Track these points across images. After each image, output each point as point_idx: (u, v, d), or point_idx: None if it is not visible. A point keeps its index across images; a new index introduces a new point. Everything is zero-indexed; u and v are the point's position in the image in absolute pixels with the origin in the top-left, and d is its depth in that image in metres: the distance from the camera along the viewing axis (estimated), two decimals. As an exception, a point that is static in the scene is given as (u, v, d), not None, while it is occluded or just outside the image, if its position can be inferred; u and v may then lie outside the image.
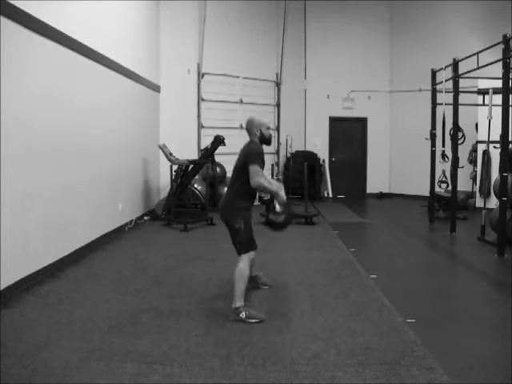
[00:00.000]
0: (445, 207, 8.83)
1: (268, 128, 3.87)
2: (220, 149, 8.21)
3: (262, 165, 3.66)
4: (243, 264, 3.67)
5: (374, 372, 2.80)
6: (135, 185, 7.96)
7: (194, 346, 3.16)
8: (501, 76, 5.92)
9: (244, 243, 3.69)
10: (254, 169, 3.59)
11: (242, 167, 3.70)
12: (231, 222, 3.72)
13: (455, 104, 7.36)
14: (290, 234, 7.09)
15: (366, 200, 12.21)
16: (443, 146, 8.03)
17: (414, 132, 11.15)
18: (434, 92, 8.39)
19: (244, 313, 3.60)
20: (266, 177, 3.74)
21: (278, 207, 3.84)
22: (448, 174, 7.92)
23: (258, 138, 3.82)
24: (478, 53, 6.86)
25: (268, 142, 3.88)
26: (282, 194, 3.76)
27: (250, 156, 3.64)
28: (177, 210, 7.86)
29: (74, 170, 5.36)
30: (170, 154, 7.86)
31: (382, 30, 12.34)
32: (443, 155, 8.01)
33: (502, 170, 6.02)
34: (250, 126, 3.86)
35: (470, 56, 7.07)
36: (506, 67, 5.80)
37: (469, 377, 2.85)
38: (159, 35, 9.37)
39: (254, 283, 4.35)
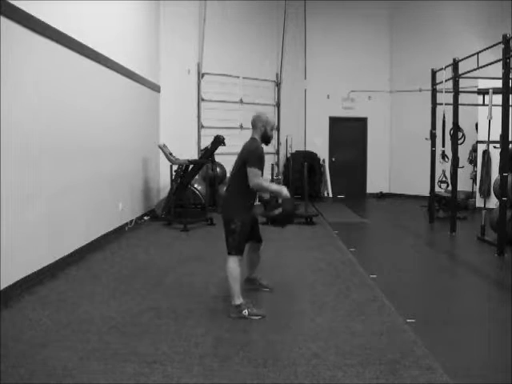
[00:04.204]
0: (445, 207, 8.83)
1: (272, 129, 3.94)
2: (220, 149, 8.20)
3: (261, 166, 3.72)
4: (232, 263, 3.72)
5: (374, 372, 2.80)
6: (135, 185, 7.96)
7: (194, 345, 3.16)
8: (501, 76, 5.92)
9: (235, 245, 3.71)
10: (252, 171, 3.66)
11: (242, 166, 3.74)
12: (229, 221, 3.74)
13: (455, 104, 7.36)
14: (290, 234, 7.09)
15: (366, 200, 12.21)
16: (443, 146, 8.03)
17: (413, 132, 11.15)
18: (434, 92, 8.39)
19: (246, 310, 3.66)
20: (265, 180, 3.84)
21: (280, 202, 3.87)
22: (448, 174, 7.92)
23: (261, 135, 3.86)
24: (478, 53, 6.87)
25: (268, 141, 3.93)
26: (285, 190, 3.81)
27: (250, 157, 3.70)
28: (177, 209, 7.85)
29: (74, 169, 5.36)
30: (170, 154, 7.86)
31: (382, 29, 12.34)
32: (443, 155, 8.01)
33: (501, 169, 6.02)
34: (256, 121, 3.88)
35: (470, 56, 7.07)
36: (506, 67, 5.80)
37: (469, 377, 2.85)
38: (159, 35, 9.37)
39: (253, 285, 4.35)
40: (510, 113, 5.82)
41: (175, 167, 7.93)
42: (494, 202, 7.34)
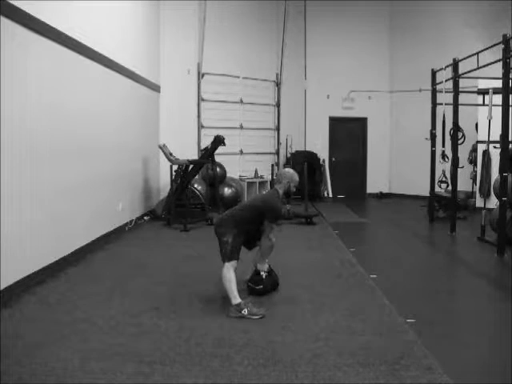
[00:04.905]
0: (445, 207, 8.83)
1: (295, 186, 4.25)
2: (220, 149, 8.20)
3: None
4: (226, 270, 3.89)
5: (374, 372, 2.80)
6: (135, 185, 7.96)
7: (194, 345, 3.16)
8: (501, 76, 5.92)
9: (227, 253, 3.91)
10: (271, 226, 4.12)
11: (259, 211, 4.05)
12: (222, 235, 3.99)
13: (455, 104, 7.35)
14: (290, 234, 7.10)
15: (366, 200, 12.21)
16: (443, 146, 8.03)
17: (414, 132, 11.14)
18: (434, 92, 8.38)
19: (246, 309, 3.68)
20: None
21: (263, 274, 4.25)
22: (448, 174, 7.92)
23: (284, 191, 4.19)
24: (478, 53, 6.86)
25: (289, 196, 4.52)
26: (266, 267, 4.29)
27: (271, 215, 4.06)
28: (177, 209, 7.85)
29: (74, 169, 5.36)
30: (170, 154, 7.86)
31: (381, 29, 12.33)
32: (443, 155, 8.00)
33: (501, 169, 6.02)
34: (282, 177, 4.24)
35: (470, 56, 7.06)
36: (505, 67, 5.80)
37: (469, 377, 2.85)
38: (159, 35, 9.37)
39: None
40: (510, 113, 5.83)
41: (175, 167, 7.92)
42: (494, 202, 7.33)
